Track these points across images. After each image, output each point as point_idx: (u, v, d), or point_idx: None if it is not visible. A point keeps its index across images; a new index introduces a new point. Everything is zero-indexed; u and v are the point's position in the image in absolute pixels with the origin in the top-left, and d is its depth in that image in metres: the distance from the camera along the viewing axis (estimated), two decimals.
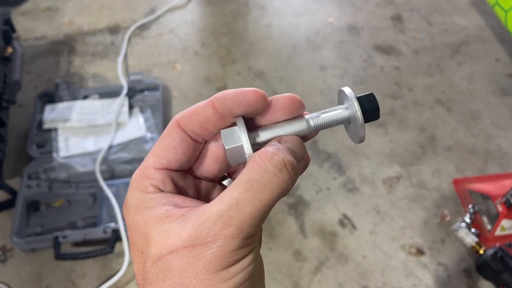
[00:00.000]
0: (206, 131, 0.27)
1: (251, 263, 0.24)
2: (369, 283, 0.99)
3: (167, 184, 0.27)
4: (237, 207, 0.23)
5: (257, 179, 0.24)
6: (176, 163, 0.27)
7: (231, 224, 0.23)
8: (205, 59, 1.44)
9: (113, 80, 1.36)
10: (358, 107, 0.28)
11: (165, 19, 1.56)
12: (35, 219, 1.05)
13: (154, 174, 0.27)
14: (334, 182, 1.15)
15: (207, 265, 0.23)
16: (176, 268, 0.23)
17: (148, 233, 0.25)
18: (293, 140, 0.26)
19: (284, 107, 0.27)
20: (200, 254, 0.23)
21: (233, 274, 0.23)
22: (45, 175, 1.10)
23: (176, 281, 0.23)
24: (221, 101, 0.26)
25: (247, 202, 0.23)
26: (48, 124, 1.18)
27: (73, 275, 1.00)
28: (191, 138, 0.27)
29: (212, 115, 0.27)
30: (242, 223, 0.23)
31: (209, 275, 0.23)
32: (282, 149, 0.25)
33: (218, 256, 0.23)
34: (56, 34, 1.51)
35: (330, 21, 1.57)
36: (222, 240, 0.23)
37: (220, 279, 0.23)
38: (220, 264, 0.23)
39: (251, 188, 0.23)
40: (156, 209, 0.25)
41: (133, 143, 1.16)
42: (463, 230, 1.03)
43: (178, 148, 0.27)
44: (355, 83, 1.37)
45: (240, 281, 0.23)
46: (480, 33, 1.54)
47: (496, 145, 1.23)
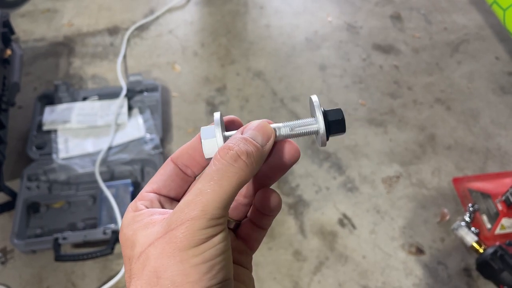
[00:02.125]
0: (194, 162, 0.31)
1: (220, 242, 0.26)
2: (369, 283, 0.99)
3: (154, 204, 0.30)
4: (200, 194, 0.26)
5: (216, 170, 0.27)
6: (165, 189, 0.31)
7: (195, 208, 0.26)
8: (204, 59, 1.44)
9: (112, 81, 1.36)
10: (321, 119, 0.30)
11: (164, 20, 1.56)
12: (35, 220, 1.06)
13: (145, 196, 0.31)
14: (334, 182, 1.15)
15: (178, 245, 0.25)
16: (153, 256, 0.26)
17: (134, 240, 0.27)
18: (254, 127, 0.29)
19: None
20: (172, 237, 0.26)
21: (203, 250, 0.25)
22: (45, 176, 1.10)
23: (153, 265, 0.26)
24: None
25: (208, 189, 0.26)
26: (48, 126, 1.18)
27: (73, 276, 1.00)
28: (181, 170, 0.32)
29: (198, 146, 0.31)
30: (205, 206, 0.26)
31: (180, 253, 0.25)
32: (239, 140, 0.28)
33: (187, 235, 0.25)
34: (55, 35, 1.51)
35: (329, 20, 1.57)
36: (189, 222, 0.26)
37: (191, 254, 0.25)
38: (190, 242, 0.25)
39: (212, 178, 0.27)
40: (143, 221, 0.28)
41: (132, 144, 1.16)
42: (463, 229, 1.03)
43: (167, 176, 0.31)
44: (354, 82, 1.37)
45: (210, 256, 0.26)
46: (479, 32, 1.54)
47: (496, 144, 1.23)
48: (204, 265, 0.25)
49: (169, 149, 1.21)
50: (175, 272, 0.25)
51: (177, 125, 1.26)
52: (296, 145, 0.31)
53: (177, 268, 0.25)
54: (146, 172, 1.14)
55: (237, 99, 1.32)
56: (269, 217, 0.33)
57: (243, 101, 1.32)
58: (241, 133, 0.29)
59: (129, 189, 1.08)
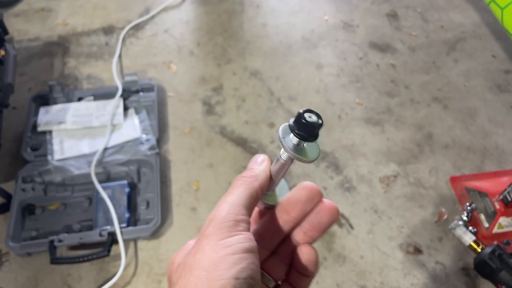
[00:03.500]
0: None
1: (245, 241, 0.29)
2: (367, 283, 0.99)
3: None
4: (220, 205, 0.31)
5: (229, 189, 0.33)
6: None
7: (217, 210, 0.31)
8: (201, 58, 1.43)
9: (108, 81, 1.35)
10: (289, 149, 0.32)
11: (160, 19, 1.55)
12: (30, 223, 1.05)
13: None
14: (331, 182, 1.14)
15: (208, 241, 0.29)
16: (188, 258, 0.29)
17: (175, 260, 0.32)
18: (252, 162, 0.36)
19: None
20: (202, 237, 0.29)
21: (231, 243, 0.28)
22: (40, 178, 1.09)
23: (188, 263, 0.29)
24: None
25: (227, 197, 0.32)
26: (43, 127, 1.17)
27: (70, 278, 0.99)
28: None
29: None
30: (224, 208, 0.30)
31: (210, 246, 0.28)
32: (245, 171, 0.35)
33: (214, 230, 0.29)
34: (49, 35, 1.50)
35: (326, 19, 1.56)
36: (214, 220, 0.30)
37: (220, 246, 0.28)
38: (217, 236, 0.29)
39: (228, 193, 0.32)
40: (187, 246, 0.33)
41: (128, 144, 1.15)
42: (461, 228, 1.03)
43: None
44: (351, 81, 1.37)
45: (238, 249, 0.28)
46: (476, 30, 1.53)
47: (493, 142, 1.23)
48: (233, 257, 0.27)
49: (165, 149, 1.20)
50: (206, 262, 0.27)
51: (173, 125, 1.25)
52: (335, 205, 0.34)
53: (208, 258, 0.28)
54: (142, 173, 1.13)
55: (233, 99, 1.32)
56: (306, 277, 0.34)
57: (239, 100, 1.31)
58: None
59: (125, 190, 1.07)
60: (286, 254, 0.35)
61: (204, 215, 1.08)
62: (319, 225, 0.33)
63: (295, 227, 0.34)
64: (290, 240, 0.35)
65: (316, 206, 0.34)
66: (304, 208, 0.33)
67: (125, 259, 0.99)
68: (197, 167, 1.17)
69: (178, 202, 1.11)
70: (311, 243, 0.34)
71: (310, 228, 0.34)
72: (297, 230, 0.34)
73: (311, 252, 0.33)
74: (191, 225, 1.07)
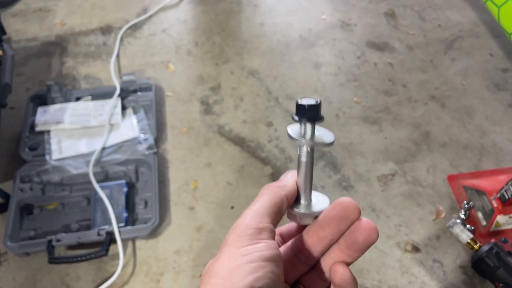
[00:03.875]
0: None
1: (266, 250, 0.29)
2: (365, 281, 0.99)
3: None
4: (244, 214, 0.32)
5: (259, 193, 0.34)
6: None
7: (240, 219, 0.31)
8: (198, 58, 1.43)
9: (105, 81, 1.35)
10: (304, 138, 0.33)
11: (158, 19, 1.55)
12: (28, 222, 1.05)
13: None
14: (329, 180, 1.15)
15: (228, 249, 0.29)
16: (210, 266, 0.29)
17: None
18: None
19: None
20: (224, 247, 0.29)
21: (249, 251, 0.28)
22: (38, 178, 1.09)
23: (208, 272, 0.29)
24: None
25: (252, 206, 0.32)
26: (40, 127, 1.17)
27: (68, 278, 0.99)
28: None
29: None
30: (251, 213, 0.31)
31: (229, 254, 0.29)
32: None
33: (237, 237, 0.29)
34: (47, 35, 1.50)
35: (323, 18, 1.56)
36: (236, 228, 0.30)
37: (238, 254, 0.28)
38: (237, 244, 0.29)
39: (254, 201, 0.33)
40: None
41: (126, 144, 1.15)
42: (458, 227, 1.03)
43: None
44: (348, 80, 1.37)
45: (256, 258, 0.28)
46: (473, 28, 1.54)
47: (490, 141, 1.23)
48: (249, 265, 0.27)
49: (163, 149, 1.20)
50: (223, 270, 0.28)
51: (171, 125, 1.25)
52: (373, 225, 0.32)
53: (225, 266, 0.28)
54: (140, 172, 1.13)
55: (231, 98, 1.32)
56: None
57: (237, 100, 1.31)
58: None
59: (123, 189, 1.08)
60: (323, 271, 0.34)
61: (202, 214, 1.09)
62: (354, 245, 0.32)
63: (332, 244, 0.33)
64: (328, 256, 0.34)
65: (352, 224, 0.32)
66: (339, 225, 0.32)
67: (123, 259, 0.99)
68: (195, 167, 1.17)
69: (176, 201, 1.11)
70: (350, 261, 0.33)
71: (346, 246, 0.32)
72: (334, 247, 0.33)
73: (344, 272, 0.32)
74: (189, 224, 1.07)
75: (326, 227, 0.32)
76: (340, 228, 0.32)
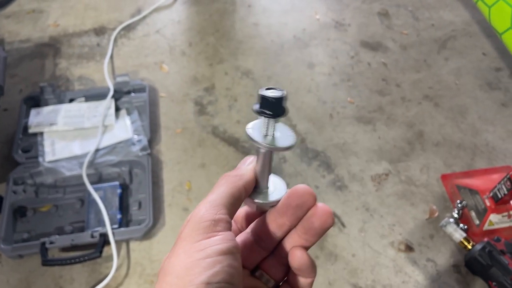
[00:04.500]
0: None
1: (223, 243, 0.28)
2: (359, 281, 1.00)
3: None
4: (199, 205, 0.31)
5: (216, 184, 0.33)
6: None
7: (195, 211, 0.30)
8: (192, 59, 1.43)
9: (99, 82, 1.35)
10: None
11: (151, 20, 1.55)
12: (21, 225, 1.04)
13: None
14: (323, 181, 1.15)
15: (183, 244, 0.28)
16: (165, 262, 0.29)
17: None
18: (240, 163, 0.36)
19: None
20: (178, 240, 0.29)
21: (205, 246, 0.27)
22: (31, 180, 1.09)
23: (163, 268, 0.28)
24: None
25: (209, 197, 0.31)
26: (34, 128, 1.17)
27: (62, 280, 0.99)
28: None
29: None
30: (202, 207, 0.30)
31: (184, 249, 0.28)
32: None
33: (190, 233, 0.28)
34: (41, 36, 1.49)
35: (317, 18, 1.57)
36: (191, 221, 0.29)
37: (193, 249, 0.27)
38: (192, 239, 0.28)
39: (211, 192, 0.32)
40: None
41: (120, 145, 1.15)
42: (452, 226, 1.04)
43: None
44: (342, 80, 1.37)
45: (212, 253, 0.27)
46: (466, 28, 1.54)
47: (483, 140, 1.24)
48: (205, 261, 0.27)
49: (157, 150, 1.20)
50: (178, 267, 0.27)
51: (165, 126, 1.25)
52: (329, 210, 0.32)
53: (181, 263, 0.27)
54: (134, 173, 1.13)
55: (225, 99, 1.32)
56: (305, 279, 0.33)
57: (231, 100, 1.31)
58: None
59: (117, 191, 1.07)
60: (283, 256, 0.34)
61: None
62: (311, 230, 0.32)
63: (291, 229, 0.34)
64: (287, 241, 0.34)
65: (309, 210, 0.32)
66: (296, 212, 0.32)
67: (117, 260, 0.99)
68: (189, 167, 1.17)
69: (170, 202, 1.11)
70: (308, 245, 0.33)
71: (303, 231, 0.33)
72: (292, 232, 0.34)
73: (302, 255, 0.32)
74: None
75: (284, 215, 0.33)
76: (297, 215, 0.33)
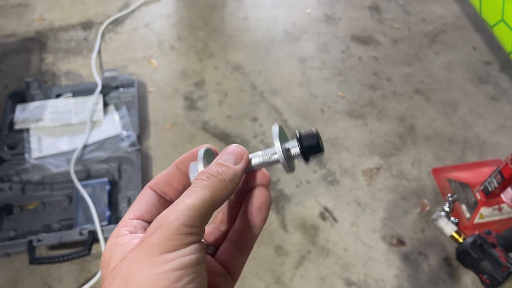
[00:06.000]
0: (172, 188, 0.33)
1: (193, 253, 0.26)
2: (351, 276, 0.99)
3: (138, 229, 0.30)
4: (176, 205, 0.27)
5: (192, 187, 0.29)
6: (148, 215, 0.32)
7: (170, 215, 0.26)
8: (182, 53, 1.41)
9: (87, 77, 1.33)
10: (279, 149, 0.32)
11: (140, 13, 1.53)
12: (8, 223, 1.02)
13: (128, 222, 0.31)
14: (315, 175, 1.14)
15: (150, 252, 0.25)
16: (124, 266, 0.26)
17: (110, 259, 0.28)
18: (227, 152, 0.32)
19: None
20: (145, 244, 0.26)
21: (174, 257, 0.25)
22: (17, 177, 1.06)
23: (123, 274, 0.26)
24: (183, 161, 0.33)
25: (184, 201, 0.27)
26: (20, 125, 1.14)
27: (50, 279, 0.97)
28: (160, 196, 0.33)
29: (176, 173, 0.33)
30: (179, 213, 0.26)
31: (151, 259, 0.25)
32: (213, 164, 0.30)
33: (160, 240, 0.25)
34: (26, 31, 1.46)
35: (308, 12, 1.55)
36: (163, 227, 0.26)
37: (161, 260, 0.25)
38: (161, 247, 0.25)
39: (188, 193, 0.28)
40: (124, 243, 0.29)
41: (108, 141, 1.13)
42: (443, 219, 1.04)
43: (148, 202, 0.32)
44: (333, 74, 1.36)
45: (181, 265, 0.25)
46: (457, 22, 1.54)
47: (474, 133, 1.24)
48: (174, 273, 0.25)
49: (147, 146, 1.18)
50: (143, 278, 0.25)
51: (154, 121, 1.24)
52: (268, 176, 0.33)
53: (146, 274, 0.25)
54: (123, 170, 1.11)
55: (216, 94, 1.30)
56: (249, 240, 0.33)
57: (222, 95, 1.30)
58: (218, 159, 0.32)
59: (106, 187, 1.06)
60: (224, 221, 0.35)
61: None
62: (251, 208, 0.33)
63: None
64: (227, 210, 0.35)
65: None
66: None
67: None
68: None
69: None
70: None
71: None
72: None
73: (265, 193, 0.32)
74: None
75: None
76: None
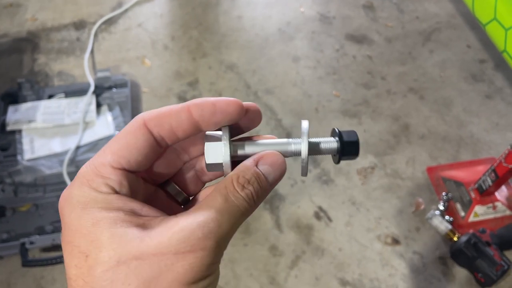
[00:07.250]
0: (174, 136, 0.26)
1: (214, 281, 0.24)
2: (345, 275, 0.99)
3: (123, 186, 0.25)
4: (217, 222, 0.23)
5: (229, 205, 0.24)
6: (136, 165, 0.26)
7: (211, 237, 0.23)
8: (175, 53, 1.40)
9: (79, 78, 1.32)
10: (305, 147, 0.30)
11: (133, 13, 1.52)
12: (0, 225, 1.01)
13: (111, 173, 0.25)
14: (309, 175, 1.14)
15: (179, 276, 0.22)
16: (142, 276, 0.22)
17: (98, 236, 0.23)
18: (270, 162, 0.27)
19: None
20: (175, 263, 0.22)
21: (200, 287, 0.23)
22: (9, 179, 1.06)
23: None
24: (199, 107, 0.26)
25: (226, 218, 0.24)
26: (12, 126, 1.13)
27: (43, 281, 0.96)
28: (156, 142, 0.26)
29: (185, 121, 0.26)
30: (220, 238, 0.23)
31: (179, 286, 0.22)
32: (253, 175, 0.26)
33: (195, 267, 0.22)
34: (18, 31, 1.45)
35: (302, 11, 1.55)
36: (202, 252, 0.22)
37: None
38: (194, 276, 0.22)
39: (226, 211, 0.24)
40: (111, 212, 0.24)
41: (101, 142, 1.12)
42: (437, 218, 1.04)
43: (142, 150, 0.26)
44: (328, 73, 1.36)
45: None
46: (451, 20, 1.54)
47: (468, 132, 1.24)
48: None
49: None
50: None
51: None
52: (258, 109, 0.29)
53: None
54: None
55: (210, 93, 1.30)
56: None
57: (216, 95, 1.29)
58: (255, 162, 0.27)
59: None
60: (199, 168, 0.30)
61: None
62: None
63: None
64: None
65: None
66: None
67: None
68: None
69: None
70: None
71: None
72: None
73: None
74: None
75: None
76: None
